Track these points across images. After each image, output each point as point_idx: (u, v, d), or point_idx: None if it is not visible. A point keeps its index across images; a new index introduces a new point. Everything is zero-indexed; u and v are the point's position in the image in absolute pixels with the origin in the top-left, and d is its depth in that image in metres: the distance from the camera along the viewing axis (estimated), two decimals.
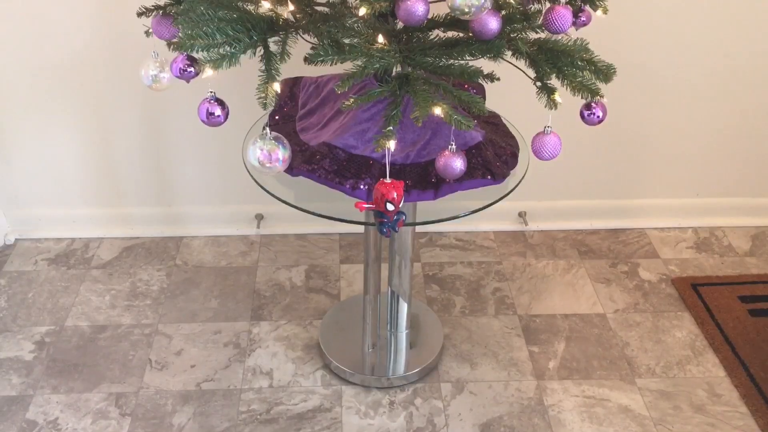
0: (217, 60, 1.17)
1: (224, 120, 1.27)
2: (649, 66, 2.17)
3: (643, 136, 2.31)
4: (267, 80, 1.20)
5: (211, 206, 2.38)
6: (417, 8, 1.11)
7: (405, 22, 1.12)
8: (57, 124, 2.16)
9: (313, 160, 1.49)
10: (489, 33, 1.18)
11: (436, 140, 1.50)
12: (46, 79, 2.08)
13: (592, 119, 1.35)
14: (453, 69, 1.20)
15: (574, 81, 1.26)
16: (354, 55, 1.19)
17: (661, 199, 2.45)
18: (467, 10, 1.12)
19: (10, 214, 2.33)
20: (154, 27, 1.40)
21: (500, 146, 1.59)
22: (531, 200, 2.41)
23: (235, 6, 1.27)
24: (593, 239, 2.44)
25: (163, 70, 1.44)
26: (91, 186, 2.31)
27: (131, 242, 2.38)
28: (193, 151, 2.25)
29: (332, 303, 2.15)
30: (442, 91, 1.19)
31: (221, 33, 1.19)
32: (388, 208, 1.22)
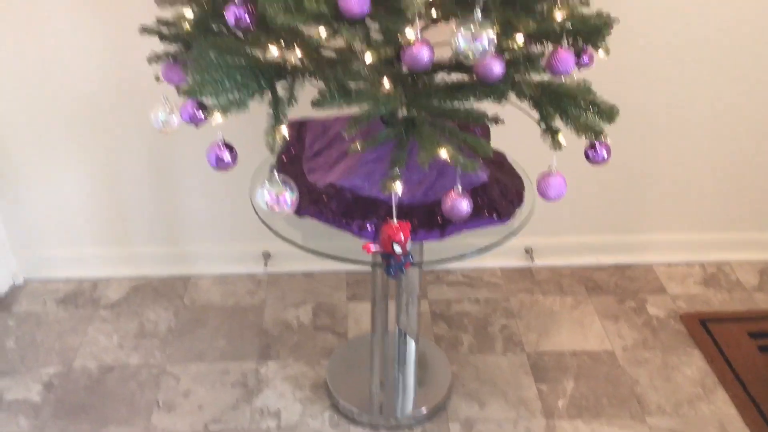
0: (226, 106, 1.20)
1: (233, 164, 1.28)
2: (654, 101, 2.19)
3: (649, 171, 2.32)
4: (275, 124, 1.22)
5: (218, 244, 2.40)
6: (422, 54, 1.13)
7: (411, 67, 1.14)
8: (67, 165, 2.19)
9: (321, 201, 1.50)
10: (493, 77, 1.19)
11: (442, 180, 1.51)
12: (57, 120, 2.11)
13: (597, 159, 1.36)
14: (458, 112, 1.22)
15: (578, 122, 1.28)
16: (360, 100, 1.21)
17: (667, 234, 2.45)
18: (471, 55, 1.14)
19: (20, 254, 2.35)
20: (164, 73, 1.42)
21: (505, 185, 1.60)
22: (537, 236, 2.42)
23: (244, 52, 1.30)
24: (600, 275, 2.44)
25: (173, 114, 1.46)
26: (99, 225, 2.32)
27: (139, 281, 2.39)
28: (200, 190, 2.27)
29: (340, 342, 2.15)
30: (448, 133, 1.20)
31: (230, 79, 1.21)
32: (395, 250, 1.23)
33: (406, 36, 1.12)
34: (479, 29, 1.12)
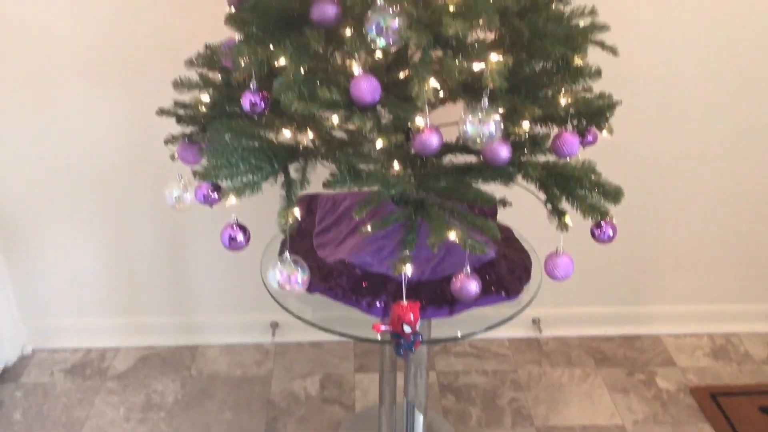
0: (240, 188, 1.23)
1: (246, 244, 1.31)
2: (661, 173, 2.22)
3: (656, 242, 2.34)
4: (287, 206, 1.25)
5: (226, 314, 2.41)
6: (431, 141, 1.16)
7: (420, 152, 1.18)
8: (79, 236, 2.22)
9: (330, 277, 1.52)
10: (500, 161, 1.23)
11: (451, 257, 1.53)
12: (70, 192, 2.15)
13: (603, 238, 1.38)
14: (467, 194, 1.24)
15: (583, 204, 1.30)
16: (371, 182, 1.24)
17: (675, 305, 2.45)
18: (479, 140, 1.17)
19: (29, 324, 2.36)
20: (179, 153, 1.46)
21: (513, 261, 1.62)
22: (545, 307, 2.42)
23: (258, 134, 1.34)
24: (609, 346, 2.43)
25: (187, 191, 1.50)
26: (109, 295, 2.34)
27: (147, 351, 2.39)
28: (209, 260, 2.30)
29: (347, 414, 2.14)
30: (456, 216, 1.23)
31: (245, 162, 1.25)
32: (404, 330, 1.24)
33: (415, 123, 1.16)
34: (486, 116, 1.16)
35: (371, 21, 1.13)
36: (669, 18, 2.01)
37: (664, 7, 1.99)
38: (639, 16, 2.00)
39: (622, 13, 1.98)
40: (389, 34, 1.12)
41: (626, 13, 1.98)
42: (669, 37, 2.03)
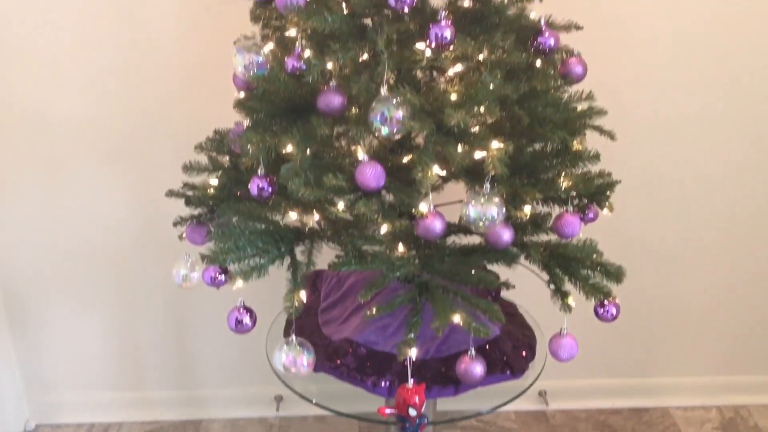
0: (247, 272, 1.25)
1: (252, 327, 1.32)
2: (667, 242, 2.24)
3: (663, 313, 2.34)
4: (293, 289, 1.27)
5: (230, 388, 2.40)
6: (435, 225, 1.19)
7: (424, 237, 1.20)
8: (84, 311, 2.24)
9: (336, 357, 1.52)
10: (502, 244, 1.25)
11: (455, 336, 1.53)
12: (75, 268, 2.18)
13: (606, 317, 1.39)
14: (471, 277, 1.26)
15: (586, 285, 1.32)
16: (376, 264, 1.26)
17: (683, 377, 2.43)
18: (481, 223, 1.20)
19: (33, 399, 2.35)
20: (187, 234, 1.49)
21: (518, 338, 1.62)
22: (551, 379, 2.39)
23: (264, 217, 1.36)
24: (616, 419, 2.40)
25: (194, 270, 1.52)
26: (114, 370, 2.34)
27: (151, 426, 2.37)
28: (213, 334, 2.30)
29: None
30: (460, 298, 1.24)
31: (252, 246, 1.27)
32: (410, 413, 1.24)
33: (419, 209, 1.18)
34: (488, 200, 1.19)
35: (376, 111, 1.16)
36: (668, 100, 2.06)
37: (662, 91, 2.05)
38: (637, 98, 2.06)
39: (619, 94, 2.03)
40: (393, 124, 1.16)
41: (623, 95, 2.04)
42: (669, 119, 2.08)
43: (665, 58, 2.01)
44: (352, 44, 1.22)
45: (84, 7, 1.87)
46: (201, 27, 1.91)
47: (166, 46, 1.93)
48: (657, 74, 2.03)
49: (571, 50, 1.38)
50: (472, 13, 1.29)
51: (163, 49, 1.93)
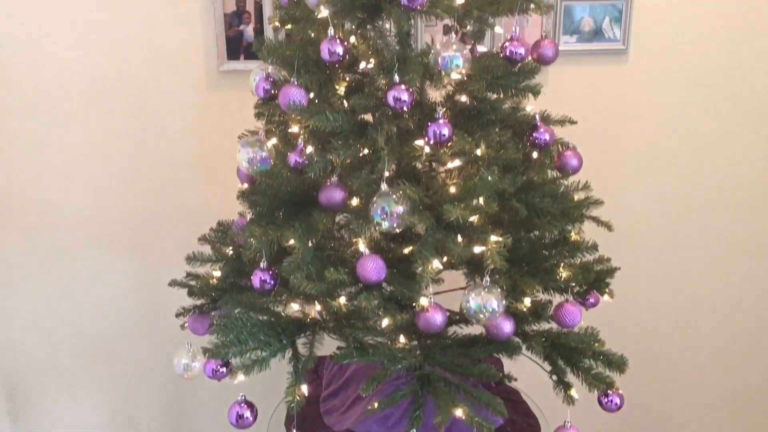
0: (249, 366, 1.25)
1: (253, 422, 1.31)
2: (670, 346, 2.24)
3: (669, 410, 2.31)
4: (295, 383, 1.26)
5: None
6: (435, 319, 1.20)
7: (425, 330, 1.21)
8: (82, 398, 2.21)
9: None
10: (503, 335, 1.25)
11: (457, 426, 1.52)
12: (74, 353, 2.16)
13: (611, 407, 1.38)
14: (472, 370, 1.26)
15: (588, 375, 1.31)
16: (377, 357, 1.26)
17: None
18: (482, 316, 1.21)
19: None
20: (190, 324, 1.50)
21: (522, 427, 1.60)
22: None
23: (266, 308, 1.37)
24: None
25: (195, 360, 1.51)
26: None
27: None
28: (214, 425, 2.27)
29: None
30: (462, 392, 1.24)
31: (253, 339, 1.28)
32: None
33: (420, 302, 1.19)
34: (488, 293, 1.20)
35: (376, 206, 1.19)
36: (664, 185, 2.10)
37: (657, 178, 2.09)
38: (634, 189, 2.10)
39: (618, 182, 2.07)
40: (393, 218, 1.18)
41: (621, 184, 2.08)
42: (665, 202, 2.12)
43: (659, 148, 2.06)
44: (353, 141, 1.25)
45: (92, 99, 1.93)
46: (205, 118, 1.96)
47: (171, 136, 1.97)
48: (652, 166, 2.08)
49: (567, 143, 1.41)
50: (469, 109, 1.33)
51: (168, 139, 1.98)
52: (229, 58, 1.90)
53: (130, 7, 1.86)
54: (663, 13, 1.93)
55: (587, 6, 1.90)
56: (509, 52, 1.29)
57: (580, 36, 1.92)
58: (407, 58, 1.26)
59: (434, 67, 1.24)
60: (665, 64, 1.97)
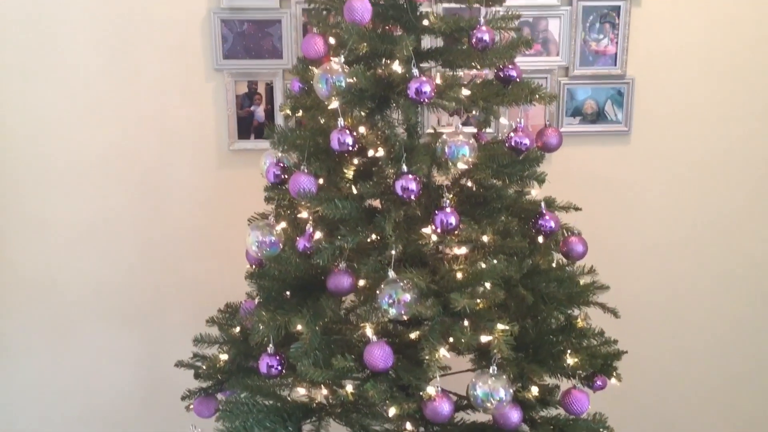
0: None
1: None
2: (673, 413, 2.21)
3: None
4: None
5: None
6: (443, 408, 1.19)
7: (432, 419, 1.20)
8: None
9: None
10: (511, 425, 1.25)
11: None
12: (76, 425, 2.13)
13: None
14: None
15: None
16: None
17: None
18: (489, 404, 1.20)
19: None
20: (195, 406, 1.49)
21: None
22: None
23: (273, 392, 1.37)
24: None
25: None
26: None
27: None
28: None
29: None
30: None
31: (259, 426, 1.27)
32: None
33: (427, 391, 1.19)
34: (496, 382, 1.20)
35: (383, 293, 1.20)
36: (667, 278, 2.11)
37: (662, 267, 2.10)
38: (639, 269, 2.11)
39: (623, 265, 2.08)
40: (401, 306, 1.19)
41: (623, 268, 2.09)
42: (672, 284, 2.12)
43: (663, 228, 2.07)
44: (361, 227, 1.27)
45: (101, 175, 1.96)
46: (215, 195, 1.99)
47: (180, 212, 2.00)
48: (657, 248, 2.09)
49: (572, 228, 1.43)
50: (475, 195, 1.36)
51: (177, 215, 2.00)
52: (240, 138, 1.95)
53: (145, 87, 1.91)
54: (664, 95, 1.97)
55: (589, 88, 1.95)
56: (514, 142, 1.32)
57: (583, 118, 1.96)
58: (415, 147, 1.29)
59: (441, 156, 1.27)
60: (667, 145, 2.00)
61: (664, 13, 1.92)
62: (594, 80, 1.94)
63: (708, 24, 1.94)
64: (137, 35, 1.88)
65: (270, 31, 1.89)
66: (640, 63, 1.95)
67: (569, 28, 1.90)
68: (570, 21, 1.90)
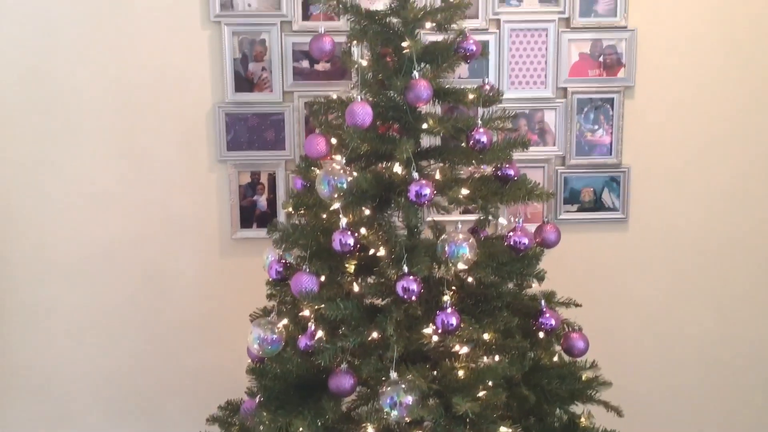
0: None
1: None
2: None
3: None
4: None
5: None
6: None
7: None
8: None
9: None
10: None
11: None
12: None
13: None
14: None
15: None
16: None
17: None
18: None
19: None
20: None
21: None
22: None
23: None
24: None
25: None
26: None
27: None
28: None
29: None
30: None
31: None
32: None
33: None
34: None
35: (386, 395, 1.20)
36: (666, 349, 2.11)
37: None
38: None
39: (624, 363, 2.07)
40: (402, 408, 1.19)
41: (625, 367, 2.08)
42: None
43: (661, 317, 2.08)
44: (362, 327, 1.28)
45: (103, 262, 1.97)
46: (217, 283, 2.00)
47: (182, 300, 2.00)
48: (655, 342, 2.09)
49: (572, 323, 1.44)
50: (476, 294, 1.37)
51: (179, 303, 2.00)
52: (242, 227, 1.97)
53: (150, 177, 1.94)
54: (660, 182, 2.00)
55: (586, 177, 1.98)
56: (513, 242, 1.34)
57: (580, 206, 1.99)
58: (415, 247, 1.31)
59: (442, 255, 1.29)
60: (665, 231, 2.02)
61: (657, 104, 1.97)
62: (590, 169, 1.98)
63: (699, 115, 1.98)
64: (144, 126, 1.93)
65: (273, 123, 1.94)
66: (635, 152, 1.98)
67: (565, 119, 1.95)
68: (565, 112, 1.95)
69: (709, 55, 1.97)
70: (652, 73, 1.96)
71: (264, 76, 1.92)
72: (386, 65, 1.43)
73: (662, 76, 1.96)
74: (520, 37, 1.92)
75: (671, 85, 1.97)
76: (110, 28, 1.88)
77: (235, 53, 1.90)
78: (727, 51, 1.97)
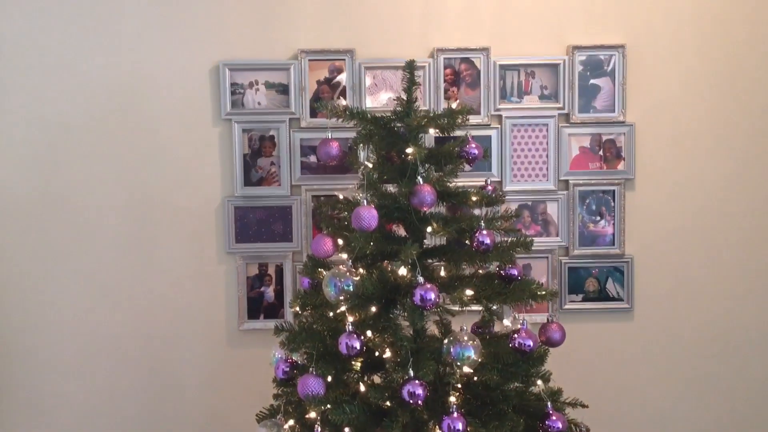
0: None
1: None
2: None
3: None
4: None
5: None
6: None
7: None
8: None
9: None
10: None
11: None
12: None
13: None
14: None
15: None
16: None
17: None
18: None
19: None
20: None
21: None
22: None
23: None
24: None
25: None
26: None
27: None
28: None
29: None
30: None
31: None
32: None
33: None
34: None
35: None
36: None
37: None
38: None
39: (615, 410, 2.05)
40: None
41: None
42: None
43: (668, 408, 2.07)
44: (368, 431, 1.28)
45: (108, 353, 1.98)
46: (224, 374, 2.00)
47: (189, 392, 2.00)
48: None
49: (579, 424, 1.43)
50: (482, 396, 1.37)
51: (185, 395, 2.00)
52: (250, 318, 1.98)
53: (159, 269, 1.97)
54: (663, 272, 2.02)
55: (589, 267, 2.00)
56: (518, 343, 1.35)
57: (585, 295, 2.01)
58: (421, 349, 1.32)
59: (447, 356, 1.30)
60: (670, 321, 2.03)
61: (658, 196, 2.00)
62: (594, 260, 2.00)
63: (701, 201, 2.02)
64: (154, 220, 1.97)
65: (281, 215, 1.98)
66: (638, 242, 2.01)
67: (567, 211, 1.99)
68: (567, 204, 1.99)
69: (705, 146, 2.01)
70: (651, 165, 2.00)
71: (273, 171, 1.97)
72: (391, 168, 1.47)
73: (661, 168, 2.00)
74: (522, 131, 1.98)
75: (670, 176, 2.00)
76: (128, 124, 1.95)
77: (244, 149, 1.96)
78: (721, 144, 2.01)
